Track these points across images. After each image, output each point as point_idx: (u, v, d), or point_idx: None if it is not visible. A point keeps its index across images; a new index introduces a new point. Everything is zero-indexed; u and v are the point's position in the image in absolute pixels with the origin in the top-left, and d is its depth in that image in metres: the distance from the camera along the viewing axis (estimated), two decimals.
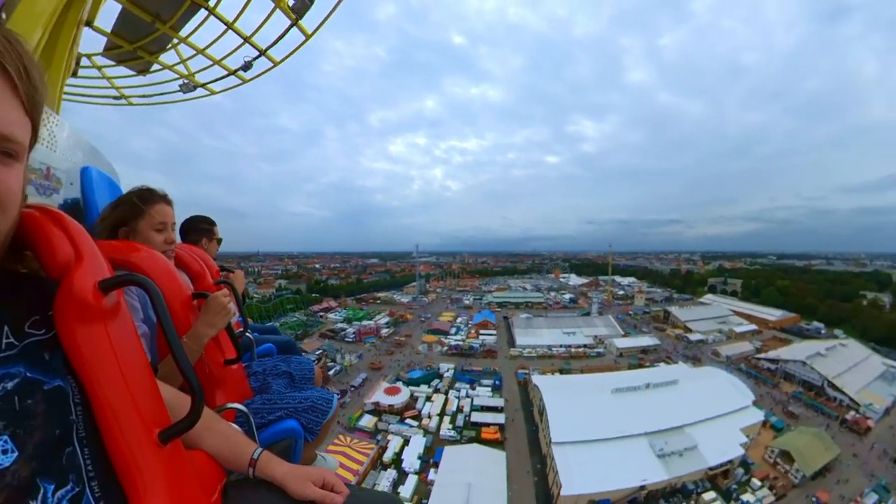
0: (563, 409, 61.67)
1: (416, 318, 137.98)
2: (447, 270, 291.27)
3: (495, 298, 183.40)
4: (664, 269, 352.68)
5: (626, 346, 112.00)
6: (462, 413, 66.74)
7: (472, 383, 78.98)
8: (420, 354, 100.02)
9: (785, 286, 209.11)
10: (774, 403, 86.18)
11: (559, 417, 59.59)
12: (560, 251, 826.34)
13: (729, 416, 68.73)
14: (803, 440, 62.99)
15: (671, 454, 55.64)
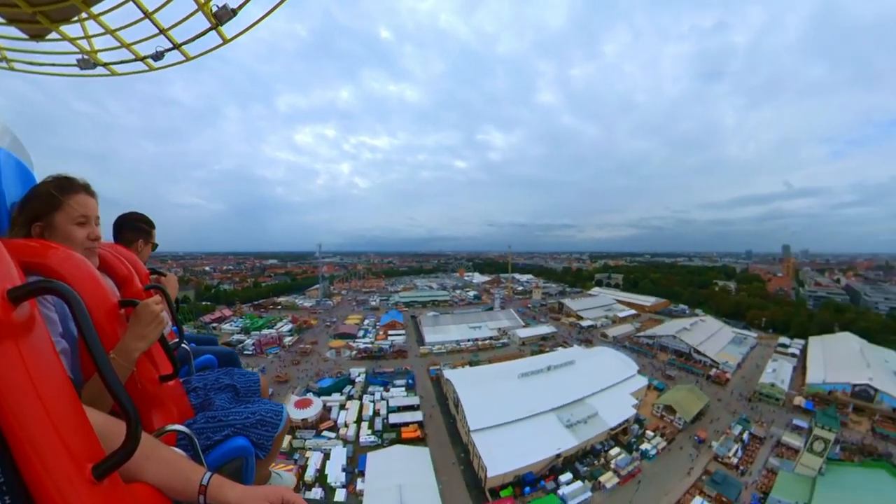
0: (477, 398, 64.21)
1: (321, 323, 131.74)
2: (352, 271, 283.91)
3: (402, 298, 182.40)
4: (558, 267, 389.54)
5: (527, 335, 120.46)
6: (379, 416, 65.70)
7: (386, 385, 78.08)
8: (329, 361, 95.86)
9: (657, 278, 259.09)
10: (654, 370, 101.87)
11: (474, 407, 61.88)
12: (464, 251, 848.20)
13: (620, 384, 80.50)
14: (680, 395, 77.59)
15: (577, 423, 62.53)
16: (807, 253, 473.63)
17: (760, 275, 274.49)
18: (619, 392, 76.92)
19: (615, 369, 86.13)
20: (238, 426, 2.91)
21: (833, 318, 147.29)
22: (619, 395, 75.59)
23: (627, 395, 76.64)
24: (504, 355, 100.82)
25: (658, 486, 54.60)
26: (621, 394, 76.66)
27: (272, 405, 3.34)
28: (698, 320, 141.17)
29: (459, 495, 50.43)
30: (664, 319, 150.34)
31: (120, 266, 3.04)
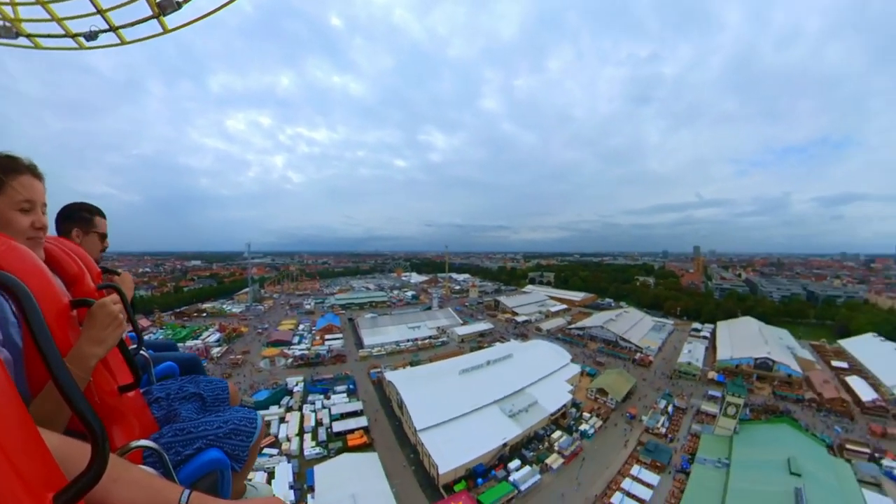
0: (420, 397, 64.13)
1: (252, 331, 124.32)
2: (284, 273, 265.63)
3: (339, 300, 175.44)
4: (493, 266, 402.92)
5: (465, 332, 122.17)
6: (323, 426, 63.22)
7: (326, 392, 75.27)
8: (263, 372, 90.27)
9: (585, 276, 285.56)
10: (586, 358, 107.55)
11: (418, 406, 61.68)
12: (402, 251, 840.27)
13: (556, 373, 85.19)
14: (611, 378, 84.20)
15: (520, 412, 64.73)
16: (714, 252, 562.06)
17: (675, 271, 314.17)
18: (555, 380, 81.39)
19: (550, 360, 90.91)
20: (210, 437, 2.70)
21: (736, 306, 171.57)
22: (556, 383, 79.96)
23: (563, 383, 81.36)
24: (444, 353, 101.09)
25: (600, 461, 59.34)
26: (557, 381, 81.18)
27: (245, 412, 3.16)
28: (623, 311, 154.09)
29: (414, 496, 49.86)
30: (592, 312, 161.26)
31: (69, 262, 2.58)
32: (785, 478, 50.78)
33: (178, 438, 2.59)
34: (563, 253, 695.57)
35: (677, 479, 55.62)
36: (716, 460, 57.95)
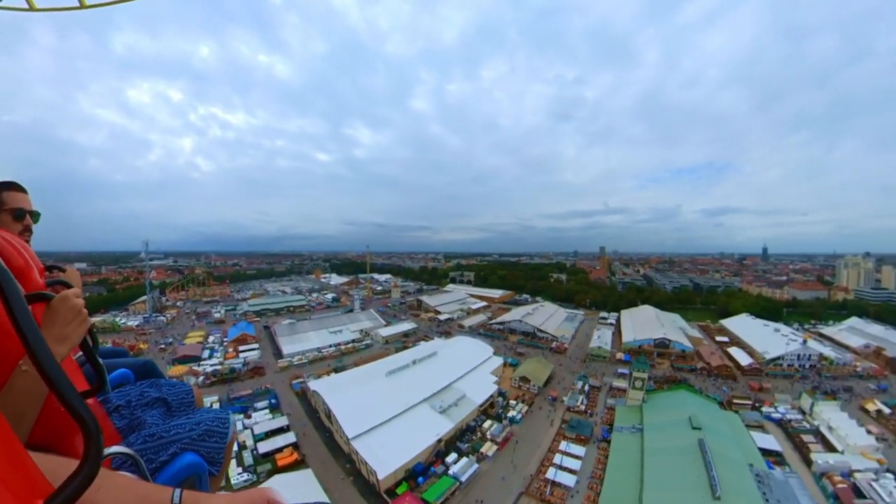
0: (349, 404, 61.96)
1: (153, 347, 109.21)
2: (190, 276, 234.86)
3: (252, 307, 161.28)
4: (415, 266, 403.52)
5: (389, 333, 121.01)
6: (247, 449, 58.11)
7: (246, 411, 68.90)
8: None
9: (504, 274, 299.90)
10: (507, 350, 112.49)
11: (347, 414, 59.43)
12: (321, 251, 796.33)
13: (480, 366, 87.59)
14: (531, 366, 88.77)
15: (450, 407, 65.56)
16: (617, 252, 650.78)
17: (584, 268, 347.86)
18: (480, 373, 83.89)
19: (474, 354, 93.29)
20: (184, 441, 2.58)
21: (636, 296, 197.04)
22: (481, 376, 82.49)
23: (488, 375, 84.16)
24: (369, 356, 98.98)
25: (531, 442, 63.08)
26: (483, 374, 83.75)
27: (216, 412, 3.03)
28: (539, 306, 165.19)
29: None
30: (511, 307, 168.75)
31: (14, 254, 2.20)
32: (689, 433, 59.74)
33: (150, 445, 2.45)
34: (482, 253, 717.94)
35: (601, 448, 62.15)
36: (631, 427, 65.95)
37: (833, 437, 64.56)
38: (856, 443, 61.60)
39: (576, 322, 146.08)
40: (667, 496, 47.15)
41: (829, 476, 54.48)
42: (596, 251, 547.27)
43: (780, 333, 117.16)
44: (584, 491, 51.85)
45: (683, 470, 51.51)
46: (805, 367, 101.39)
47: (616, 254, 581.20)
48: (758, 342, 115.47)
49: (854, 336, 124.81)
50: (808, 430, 69.15)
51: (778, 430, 69.98)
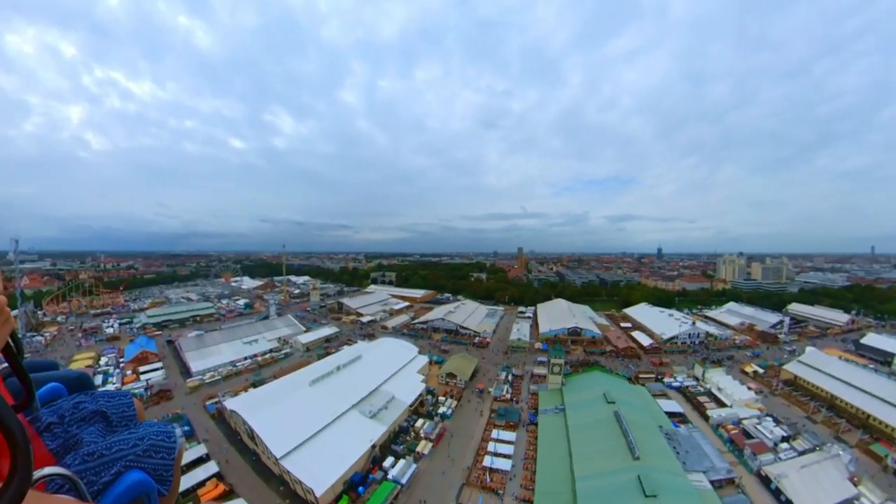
0: (273, 421, 57.32)
1: None
2: (73, 283, 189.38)
3: (152, 318, 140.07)
4: (335, 267, 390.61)
5: (310, 340, 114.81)
6: None
7: None
8: None
9: (425, 274, 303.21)
10: (432, 348, 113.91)
11: (272, 432, 54.85)
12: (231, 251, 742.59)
13: (407, 366, 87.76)
14: (456, 362, 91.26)
15: (380, 411, 64.47)
16: (533, 252, 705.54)
17: (503, 267, 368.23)
18: (407, 373, 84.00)
19: (399, 355, 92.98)
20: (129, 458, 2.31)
21: (550, 291, 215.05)
22: (409, 376, 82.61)
23: (415, 374, 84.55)
24: (290, 366, 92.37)
25: (464, 434, 64.76)
26: (410, 374, 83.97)
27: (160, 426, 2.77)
28: (460, 304, 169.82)
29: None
30: (433, 307, 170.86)
31: None
32: (605, 407, 67.65)
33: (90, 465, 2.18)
34: (404, 253, 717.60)
35: (529, 431, 66.69)
36: (554, 408, 72.05)
37: (722, 396, 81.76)
38: (740, 398, 79.76)
39: (496, 317, 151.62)
40: (594, 464, 52.13)
41: (724, 426, 70.10)
42: (514, 251, 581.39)
43: (674, 318, 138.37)
44: (521, 472, 55.02)
45: (605, 439, 57.69)
46: (695, 343, 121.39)
47: (532, 254, 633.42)
48: (656, 326, 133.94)
49: (732, 316, 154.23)
50: (702, 392, 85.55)
51: (679, 396, 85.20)
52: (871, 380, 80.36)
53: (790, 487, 51.81)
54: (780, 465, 56.94)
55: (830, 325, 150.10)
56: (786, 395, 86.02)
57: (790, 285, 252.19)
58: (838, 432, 69.07)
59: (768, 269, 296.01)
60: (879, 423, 69.16)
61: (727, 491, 53.29)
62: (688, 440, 62.89)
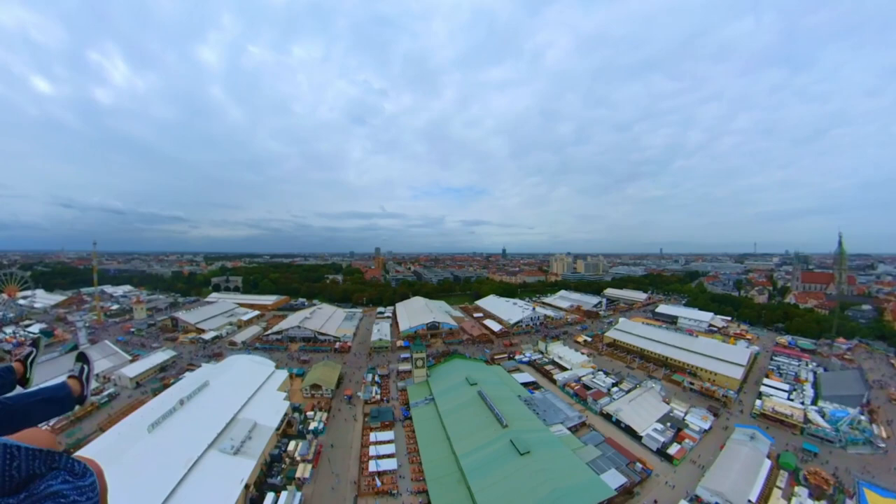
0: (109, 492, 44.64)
1: None
2: None
3: None
4: (166, 271, 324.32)
5: (140, 371, 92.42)
6: None
7: None
8: None
9: (276, 277, 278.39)
10: (290, 360, 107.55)
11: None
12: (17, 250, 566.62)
13: (265, 385, 79.14)
14: (319, 371, 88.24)
15: (243, 443, 55.27)
16: (391, 252, 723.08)
17: (360, 268, 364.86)
18: (266, 393, 74.99)
19: (254, 373, 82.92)
20: None
21: (408, 290, 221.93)
22: (269, 396, 74.02)
23: (276, 392, 76.11)
24: (118, 411, 74.02)
25: (343, 445, 63.20)
26: (270, 393, 75.18)
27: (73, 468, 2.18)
28: (317, 308, 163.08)
29: None
30: (287, 314, 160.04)
31: None
32: (469, 389, 76.40)
33: None
34: (252, 254, 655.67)
35: (406, 426, 69.01)
36: (423, 399, 76.56)
37: (563, 362, 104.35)
38: (577, 361, 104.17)
39: (355, 320, 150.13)
40: (471, 440, 58.84)
41: (568, 384, 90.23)
42: (372, 251, 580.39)
43: (518, 306, 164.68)
44: (408, 466, 56.87)
45: (475, 416, 65.82)
46: (537, 324, 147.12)
47: (390, 254, 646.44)
48: (503, 313, 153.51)
49: (563, 301, 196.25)
50: (547, 362, 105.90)
51: (529, 368, 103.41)
52: (665, 335, 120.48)
53: (625, 416, 73.44)
54: (615, 403, 79.02)
55: (635, 301, 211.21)
56: (609, 354, 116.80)
57: (605, 276, 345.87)
58: (649, 373, 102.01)
59: (589, 265, 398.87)
60: (675, 361, 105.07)
61: (583, 432, 69.50)
62: (543, 401, 78.72)
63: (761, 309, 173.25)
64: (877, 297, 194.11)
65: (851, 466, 60.02)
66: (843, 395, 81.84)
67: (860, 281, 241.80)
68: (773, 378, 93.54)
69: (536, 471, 50.65)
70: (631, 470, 57.18)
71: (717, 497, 51.16)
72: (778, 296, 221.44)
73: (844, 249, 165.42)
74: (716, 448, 64.08)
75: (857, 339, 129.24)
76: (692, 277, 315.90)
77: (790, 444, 66.60)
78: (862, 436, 66.74)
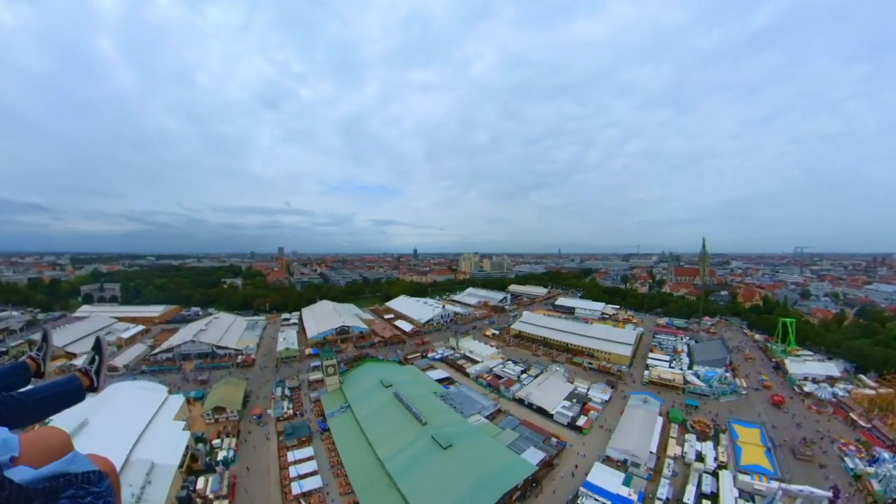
0: None
1: None
2: None
3: None
4: (20, 278, 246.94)
5: None
6: None
7: None
8: None
9: (163, 283, 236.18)
10: (185, 382, 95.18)
11: None
12: None
13: (158, 416, 66.51)
14: (221, 392, 78.64)
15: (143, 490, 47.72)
16: (296, 253, 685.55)
17: (262, 270, 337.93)
18: (161, 425, 63.62)
19: (143, 403, 69.93)
20: None
21: (314, 293, 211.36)
22: (165, 428, 63.10)
23: (172, 422, 65.19)
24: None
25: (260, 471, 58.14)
26: (165, 424, 64.12)
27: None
28: (213, 318, 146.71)
29: None
30: (179, 326, 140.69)
31: None
32: (384, 391, 76.23)
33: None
34: (133, 254, 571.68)
35: (325, 438, 65.92)
36: (339, 408, 73.83)
37: (474, 355, 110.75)
38: (487, 354, 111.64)
39: (258, 329, 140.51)
40: (393, 443, 58.72)
41: (481, 376, 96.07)
42: (275, 251, 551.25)
43: (428, 304, 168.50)
44: (334, 480, 54.80)
45: (393, 418, 65.90)
46: (447, 321, 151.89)
47: (295, 254, 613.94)
48: (414, 313, 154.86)
49: (472, 298, 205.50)
50: (459, 357, 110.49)
51: (442, 364, 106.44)
52: (564, 324, 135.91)
53: (536, 399, 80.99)
54: (525, 388, 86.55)
55: (537, 296, 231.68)
56: (516, 345, 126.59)
57: (510, 273, 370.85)
58: (553, 358, 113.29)
59: (495, 263, 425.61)
60: (574, 346, 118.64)
61: (499, 418, 74.72)
62: (458, 395, 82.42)
63: (644, 298, 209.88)
64: (731, 285, 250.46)
65: (723, 411, 79.47)
66: (711, 359, 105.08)
67: (719, 273, 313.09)
68: (657, 352, 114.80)
69: (461, 461, 53.14)
70: (548, 445, 64.18)
71: (624, 454, 61.26)
72: (657, 287, 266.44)
73: (706, 250, 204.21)
74: (617, 414, 76.12)
75: (719, 316, 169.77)
76: (586, 274, 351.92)
77: (676, 402, 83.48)
78: (728, 388, 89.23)
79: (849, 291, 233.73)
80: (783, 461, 61.63)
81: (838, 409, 79.78)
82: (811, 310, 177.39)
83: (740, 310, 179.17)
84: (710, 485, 54.88)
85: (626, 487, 52.94)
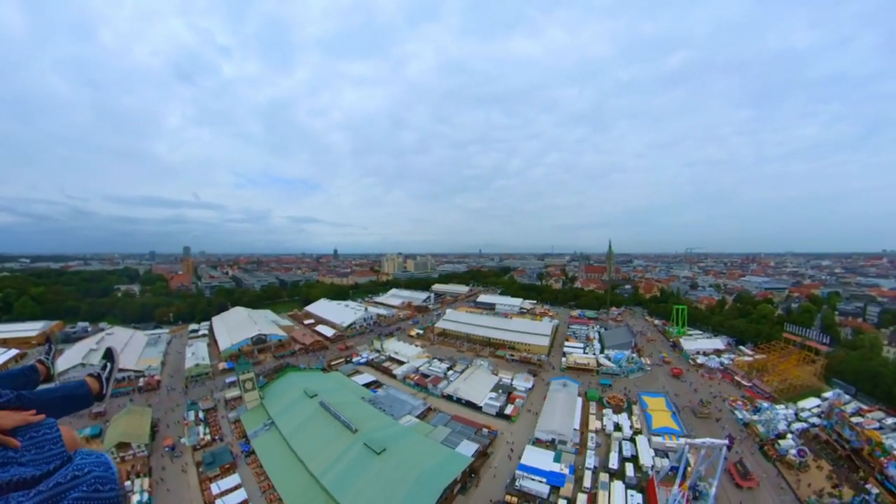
0: None
1: None
2: None
3: None
4: None
5: None
6: None
7: None
8: None
9: (41, 293, 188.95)
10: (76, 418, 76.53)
11: None
12: None
13: None
14: (122, 424, 67.92)
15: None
16: (204, 253, 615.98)
17: (164, 274, 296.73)
18: None
19: None
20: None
21: (226, 299, 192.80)
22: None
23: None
24: None
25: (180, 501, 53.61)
26: None
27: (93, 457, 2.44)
28: (105, 335, 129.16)
29: None
30: (64, 348, 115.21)
31: None
32: (310, 402, 73.62)
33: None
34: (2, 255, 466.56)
35: (251, 462, 61.46)
36: (262, 426, 69.46)
37: (400, 357, 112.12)
38: (412, 354, 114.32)
39: (162, 344, 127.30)
40: (325, 455, 57.24)
41: (408, 376, 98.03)
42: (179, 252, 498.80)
43: (350, 307, 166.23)
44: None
45: (322, 429, 63.94)
46: (370, 324, 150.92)
47: (203, 255, 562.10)
48: (336, 317, 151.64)
49: (395, 299, 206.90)
50: (385, 359, 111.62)
51: (368, 368, 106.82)
52: (486, 319, 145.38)
53: (464, 393, 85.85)
54: (453, 384, 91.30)
55: (459, 294, 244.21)
56: (441, 342, 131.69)
57: (433, 273, 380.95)
58: (477, 353, 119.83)
59: (419, 263, 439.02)
60: (497, 340, 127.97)
61: (430, 416, 77.12)
62: (387, 398, 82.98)
63: (558, 293, 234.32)
64: (634, 280, 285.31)
65: (632, 386, 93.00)
66: (619, 343, 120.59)
67: (623, 270, 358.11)
68: (571, 340, 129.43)
69: (398, 464, 53.73)
70: (480, 436, 68.76)
71: (551, 434, 68.26)
72: (570, 283, 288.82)
73: (613, 250, 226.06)
74: (540, 399, 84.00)
75: (624, 306, 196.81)
76: (505, 272, 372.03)
77: (591, 383, 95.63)
78: (635, 366, 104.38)
79: (728, 282, 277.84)
80: (687, 421, 74.69)
81: (726, 374, 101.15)
82: (699, 298, 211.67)
83: (642, 300, 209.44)
84: (629, 449, 65.14)
85: (557, 463, 59.26)
